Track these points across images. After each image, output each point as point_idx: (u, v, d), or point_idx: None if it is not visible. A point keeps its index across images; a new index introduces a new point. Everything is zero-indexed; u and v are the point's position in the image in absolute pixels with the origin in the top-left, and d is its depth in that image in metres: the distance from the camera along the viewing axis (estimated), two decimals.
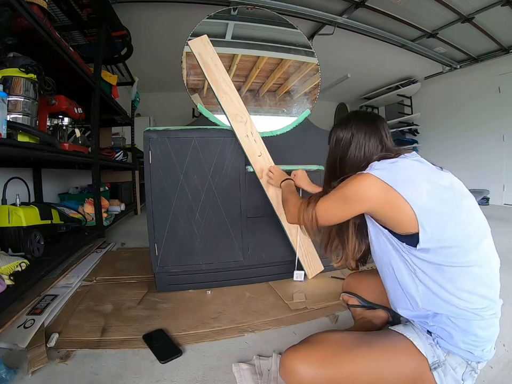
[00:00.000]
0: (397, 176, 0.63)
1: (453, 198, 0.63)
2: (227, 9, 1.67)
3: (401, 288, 0.68)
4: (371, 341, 0.64)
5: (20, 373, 0.78)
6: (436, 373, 0.59)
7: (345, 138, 0.76)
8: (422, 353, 0.61)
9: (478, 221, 0.65)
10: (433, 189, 0.62)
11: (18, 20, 1.16)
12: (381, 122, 0.77)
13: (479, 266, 0.61)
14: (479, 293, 0.60)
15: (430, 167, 0.68)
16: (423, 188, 0.61)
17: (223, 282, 1.35)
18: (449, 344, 0.60)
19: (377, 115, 0.82)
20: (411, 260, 0.63)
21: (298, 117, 1.59)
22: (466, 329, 0.59)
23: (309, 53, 1.74)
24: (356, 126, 0.76)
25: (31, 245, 1.25)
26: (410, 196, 0.60)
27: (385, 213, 0.64)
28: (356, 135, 0.75)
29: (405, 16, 2.95)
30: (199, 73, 1.59)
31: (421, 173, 0.65)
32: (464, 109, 4.14)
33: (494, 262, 0.64)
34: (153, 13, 2.79)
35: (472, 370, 0.60)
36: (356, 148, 0.75)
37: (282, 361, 0.63)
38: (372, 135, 0.74)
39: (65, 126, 1.75)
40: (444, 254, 0.60)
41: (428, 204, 0.60)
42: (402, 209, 0.61)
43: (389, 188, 0.61)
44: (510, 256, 1.68)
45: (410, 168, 0.65)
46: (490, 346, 0.61)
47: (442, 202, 0.61)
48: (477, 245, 0.61)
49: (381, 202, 0.63)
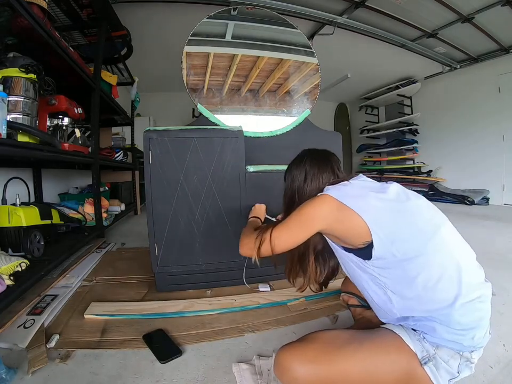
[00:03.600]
0: (346, 193, 0.70)
1: (398, 204, 0.69)
2: (227, 9, 1.67)
3: (376, 305, 0.71)
4: (362, 338, 0.65)
5: (19, 373, 0.78)
6: (427, 368, 0.59)
7: (300, 175, 0.84)
8: (411, 349, 0.61)
9: (426, 216, 0.69)
10: (380, 199, 0.68)
11: (18, 20, 1.16)
12: (332, 157, 0.86)
13: (439, 252, 0.63)
14: (448, 280, 0.60)
15: (375, 184, 0.76)
16: (370, 198, 0.68)
17: (223, 282, 1.35)
18: (435, 338, 0.60)
19: (328, 151, 0.89)
20: (377, 273, 0.67)
21: (298, 117, 1.59)
22: (447, 320, 0.59)
23: (309, 53, 1.74)
24: (309, 163, 0.83)
25: (31, 245, 1.25)
26: (359, 207, 0.66)
27: (338, 227, 0.69)
28: (309, 171, 0.82)
29: (405, 16, 2.95)
30: (199, 73, 1.59)
31: (367, 188, 0.72)
32: (464, 109, 4.14)
33: (458, 248, 0.65)
34: (153, 13, 2.80)
35: (467, 360, 0.60)
36: (311, 181, 0.81)
37: (277, 359, 0.64)
38: (325, 169, 0.82)
39: (65, 126, 1.74)
40: (401, 254, 0.63)
41: (376, 211, 0.66)
42: (353, 221, 0.66)
43: (339, 203, 0.68)
44: (509, 256, 1.68)
45: (357, 185, 0.74)
46: (482, 333, 0.61)
47: (389, 205, 0.68)
48: (432, 236, 0.64)
49: (333, 217, 0.69)
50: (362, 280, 0.72)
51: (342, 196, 0.68)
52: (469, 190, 3.96)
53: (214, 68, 1.63)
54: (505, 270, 1.44)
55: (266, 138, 1.57)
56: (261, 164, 1.37)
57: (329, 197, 0.69)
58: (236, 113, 1.68)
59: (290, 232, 0.74)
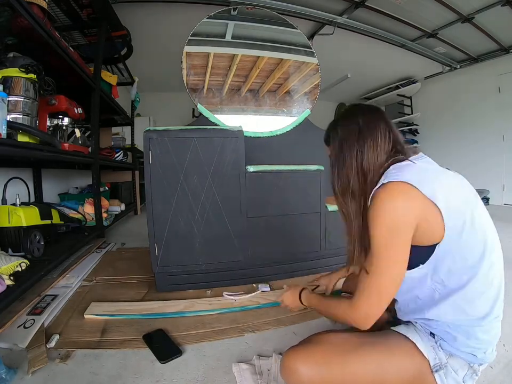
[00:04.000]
0: (429, 181, 0.57)
1: (475, 208, 0.60)
2: (227, 9, 1.67)
3: (414, 300, 0.65)
4: (373, 342, 0.64)
5: (20, 373, 0.78)
6: (437, 375, 0.59)
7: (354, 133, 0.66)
8: (423, 355, 0.60)
9: (492, 227, 0.62)
10: (454, 195, 0.59)
11: (18, 19, 1.16)
12: (384, 113, 0.71)
13: (492, 270, 0.59)
14: (486, 298, 0.59)
15: (446, 172, 0.63)
16: (451, 195, 0.58)
17: (223, 282, 1.35)
18: (452, 347, 0.60)
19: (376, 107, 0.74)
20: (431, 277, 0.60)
21: (298, 117, 1.59)
22: (469, 333, 0.58)
23: (309, 53, 1.74)
24: (363, 117, 0.67)
25: (31, 245, 1.25)
26: (442, 203, 0.55)
27: (422, 226, 0.57)
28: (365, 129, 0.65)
29: (405, 16, 2.95)
30: (199, 73, 1.59)
31: (442, 177, 0.61)
32: (464, 109, 4.14)
33: (501, 268, 0.63)
34: (153, 12, 2.79)
35: (473, 372, 0.60)
36: (370, 146, 0.64)
37: (284, 361, 0.62)
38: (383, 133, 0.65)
39: (65, 126, 1.74)
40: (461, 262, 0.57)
41: (453, 212, 0.56)
42: (435, 219, 0.56)
43: (426, 199, 0.55)
44: (510, 256, 1.67)
45: (432, 170, 0.62)
46: (492, 349, 0.61)
47: (462, 206, 0.58)
48: (491, 250, 0.59)
49: (417, 210, 0.56)
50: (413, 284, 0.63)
51: (417, 182, 0.55)
52: None
53: (214, 68, 1.63)
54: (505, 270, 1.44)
55: (266, 138, 1.57)
56: (261, 164, 1.37)
57: (408, 186, 0.55)
58: (235, 113, 1.68)
59: (390, 259, 0.57)
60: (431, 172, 0.61)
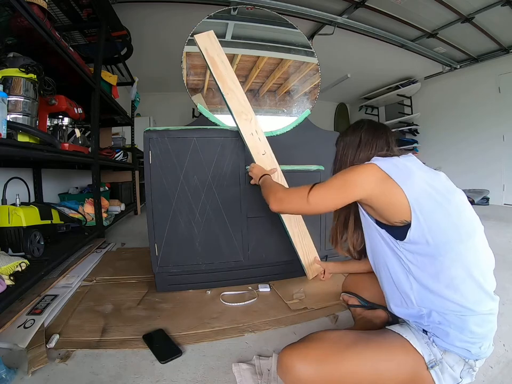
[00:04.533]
0: (395, 166, 0.66)
1: (445, 191, 0.65)
2: (227, 9, 1.67)
3: (395, 287, 0.70)
4: (368, 340, 0.65)
5: (20, 373, 0.78)
6: (433, 371, 0.59)
7: (354, 140, 0.81)
8: (418, 352, 0.61)
9: (469, 216, 0.66)
10: (428, 182, 0.65)
11: (18, 19, 1.16)
12: (389, 130, 0.83)
13: (470, 255, 0.62)
14: (471, 284, 0.60)
15: (425, 167, 0.71)
16: (418, 178, 0.65)
17: (223, 282, 1.35)
18: (445, 343, 0.60)
19: (386, 125, 0.87)
20: (404, 256, 0.65)
21: (298, 117, 1.59)
22: (461, 326, 0.59)
23: (309, 53, 1.74)
24: (366, 130, 0.81)
25: (31, 245, 1.25)
26: (405, 183, 0.63)
27: (380, 199, 0.66)
28: (364, 138, 0.80)
29: (405, 16, 2.95)
30: (199, 73, 1.59)
31: (417, 167, 0.68)
32: (464, 109, 4.14)
33: (486, 257, 0.65)
34: (153, 12, 2.80)
35: (470, 368, 0.61)
36: (364, 146, 0.79)
37: (280, 359, 0.63)
38: (380, 139, 0.79)
39: (65, 126, 1.75)
40: (435, 244, 0.61)
41: (422, 193, 0.63)
42: (397, 196, 0.63)
43: (385, 175, 0.65)
44: (509, 256, 1.68)
45: (407, 161, 0.69)
46: (488, 344, 0.61)
47: (435, 191, 0.64)
48: (468, 237, 0.63)
49: (376, 188, 0.66)
50: (387, 258, 0.70)
51: (390, 168, 0.65)
52: (469, 190, 3.95)
53: None
54: (505, 270, 1.44)
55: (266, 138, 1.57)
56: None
57: (376, 167, 0.66)
58: None
59: (330, 193, 0.72)
60: (408, 166, 0.67)
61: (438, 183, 0.66)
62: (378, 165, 0.66)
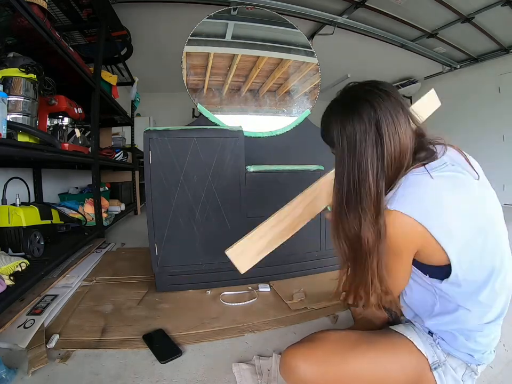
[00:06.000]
0: (426, 209, 0.52)
1: (489, 225, 0.57)
2: (227, 9, 1.67)
3: (415, 305, 0.66)
4: (372, 340, 0.64)
5: (20, 373, 0.78)
6: (436, 373, 0.59)
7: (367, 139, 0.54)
8: (422, 353, 0.60)
9: (505, 246, 0.59)
10: (466, 217, 0.54)
11: (18, 19, 1.16)
12: (394, 90, 0.58)
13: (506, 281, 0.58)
14: (492, 305, 0.58)
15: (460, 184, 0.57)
16: (453, 218, 0.53)
17: (223, 282, 1.35)
18: (450, 347, 0.60)
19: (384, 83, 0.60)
20: (437, 287, 0.59)
21: (298, 117, 1.60)
22: (468, 335, 0.58)
23: (309, 53, 1.74)
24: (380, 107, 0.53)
25: (31, 245, 1.25)
26: (445, 238, 0.52)
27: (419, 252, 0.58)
28: (383, 123, 0.52)
29: (405, 16, 2.94)
30: (199, 73, 1.59)
31: (454, 199, 0.54)
32: (464, 109, 4.13)
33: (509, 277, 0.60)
34: (153, 12, 2.79)
35: (472, 372, 0.60)
36: (389, 139, 0.53)
37: (283, 359, 0.63)
38: (400, 116, 0.54)
39: (65, 126, 1.74)
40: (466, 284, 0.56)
41: (462, 238, 0.54)
42: (435, 251, 0.54)
43: (423, 230, 0.53)
44: None
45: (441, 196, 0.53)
46: (490, 350, 0.61)
47: (475, 232, 0.55)
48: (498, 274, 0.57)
49: (419, 246, 0.56)
50: (412, 286, 0.64)
51: (423, 217, 0.51)
52: None
53: (214, 67, 1.63)
54: None
55: (266, 138, 1.57)
56: (261, 164, 1.37)
57: (406, 219, 0.52)
58: (235, 113, 1.68)
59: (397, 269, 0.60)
60: (445, 195, 0.53)
61: (482, 217, 0.56)
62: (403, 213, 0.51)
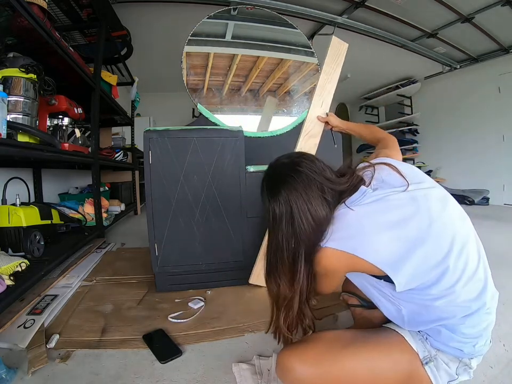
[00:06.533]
0: (352, 239, 0.58)
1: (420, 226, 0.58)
2: (227, 9, 1.67)
3: (387, 315, 0.68)
4: (365, 338, 0.65)
5: (19, 373, 0.78)
6: (428, 368, 0.59)
7: (285, 212, 0.62)
8: (413, 349, 0.61)
9: (450, 236, 0.59)
10: (394, 233, 0.57)
11: (18, 19, 1.16)
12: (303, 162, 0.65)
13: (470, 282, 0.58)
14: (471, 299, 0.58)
15: (386, 203, 0.60)
16: (382, 240, 0.57)
17: (223, 282, 1.35)
18: (438, 342, 0.60)
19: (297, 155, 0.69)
20: (391, 294, 0.62)
21: (298, 117, 1.60)
22: (452, 328, 0.59)
23: (309, 53, 1.75)
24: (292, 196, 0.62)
25: (31, 245, 1.25)
26: (372, 256, 0.57)
27: (357, 269, 0.63)
28: (294, 204, 0.61)
29: (405, 16, 2.95)
30: (199, 73, 1.59)
31: (375, 221, 0.58)
32: (464, 109, 4.14)
33: (482, 263, 0.61)
34: (153, 12, 2.79)
35: (465, 366, 0.60)
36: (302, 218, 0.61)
37: (279, 359, 0.63)
38: (309, 191, 0.62)
39: (65, 126, 1.75)
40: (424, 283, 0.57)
41: (393, 255, 0.56)
42: (367, 264, 0.58)
43: (348, 255, 0.58)
44: (510, 256, 1.68)
45: (361, 223, 0.59)
46: (484, 341, 0.61)
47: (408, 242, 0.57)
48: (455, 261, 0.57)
49: (350, 267, 0.62)
50: (373, 296, 0.68)
51: (350, 247, 0.58)
52: (469, 190, 3.95)
53: (214, 67, 1.63)
54: (505, 269, 1.44)
55: (266, 138, 1.57)
56: (261, 164, 1.37)
57: (337, 252, 0.59)
58: (236, 113, 1.68)
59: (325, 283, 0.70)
60: (365, 221, 0.59)
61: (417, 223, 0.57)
62: (332, 248, 0.59)
